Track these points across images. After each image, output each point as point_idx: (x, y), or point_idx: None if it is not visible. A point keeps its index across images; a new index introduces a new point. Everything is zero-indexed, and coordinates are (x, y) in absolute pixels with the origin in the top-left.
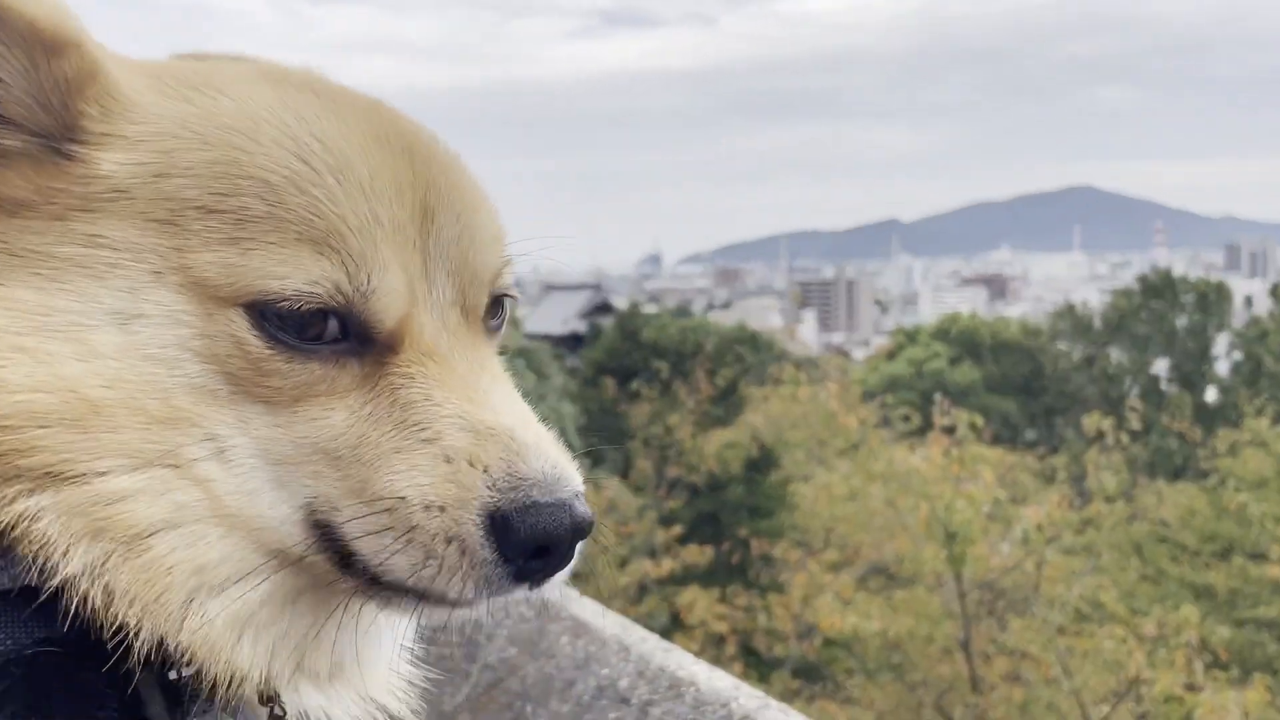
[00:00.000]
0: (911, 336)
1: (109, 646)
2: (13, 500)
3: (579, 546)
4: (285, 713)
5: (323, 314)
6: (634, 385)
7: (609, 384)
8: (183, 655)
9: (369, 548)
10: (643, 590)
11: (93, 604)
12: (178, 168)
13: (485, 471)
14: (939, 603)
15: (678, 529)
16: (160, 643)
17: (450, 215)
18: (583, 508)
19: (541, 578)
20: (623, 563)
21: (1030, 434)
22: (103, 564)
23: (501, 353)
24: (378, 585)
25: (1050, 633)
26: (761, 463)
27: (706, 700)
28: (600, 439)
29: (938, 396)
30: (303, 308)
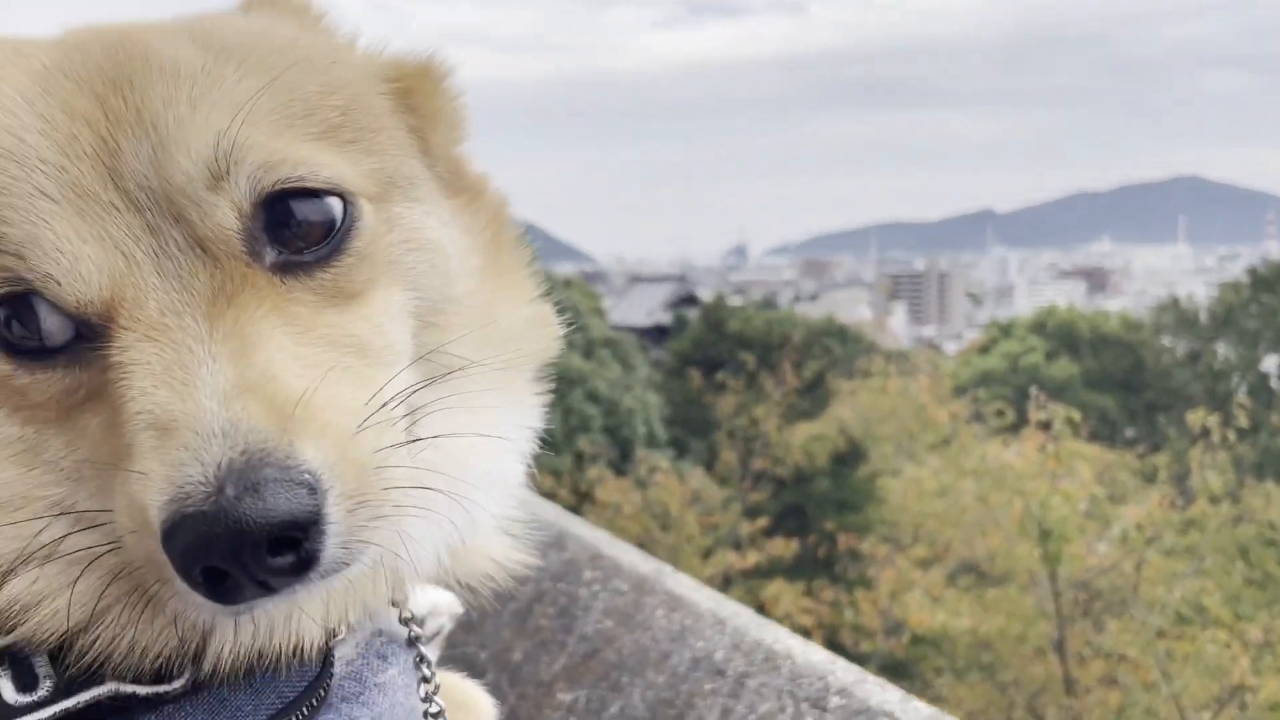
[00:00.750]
0: (1006, 330)
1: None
2: None
3: (311, 546)
4: (406, 599)
5: (33, 315)
6: (719, 377)
7: (694, 375)
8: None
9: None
10: (727, 582)
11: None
12: None
13: (151, 484)
14: (1032, 602)
15: (763, 521)
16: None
17: (138, 134)
18: (257, 504)
19: (234, 597)
20: (707, 554)
21: (1130, 432)
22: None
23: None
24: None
25: (1150, 635)
26: (849, 456)
27: (803, 673)
28: (685, 430)
29: (1034, 390)
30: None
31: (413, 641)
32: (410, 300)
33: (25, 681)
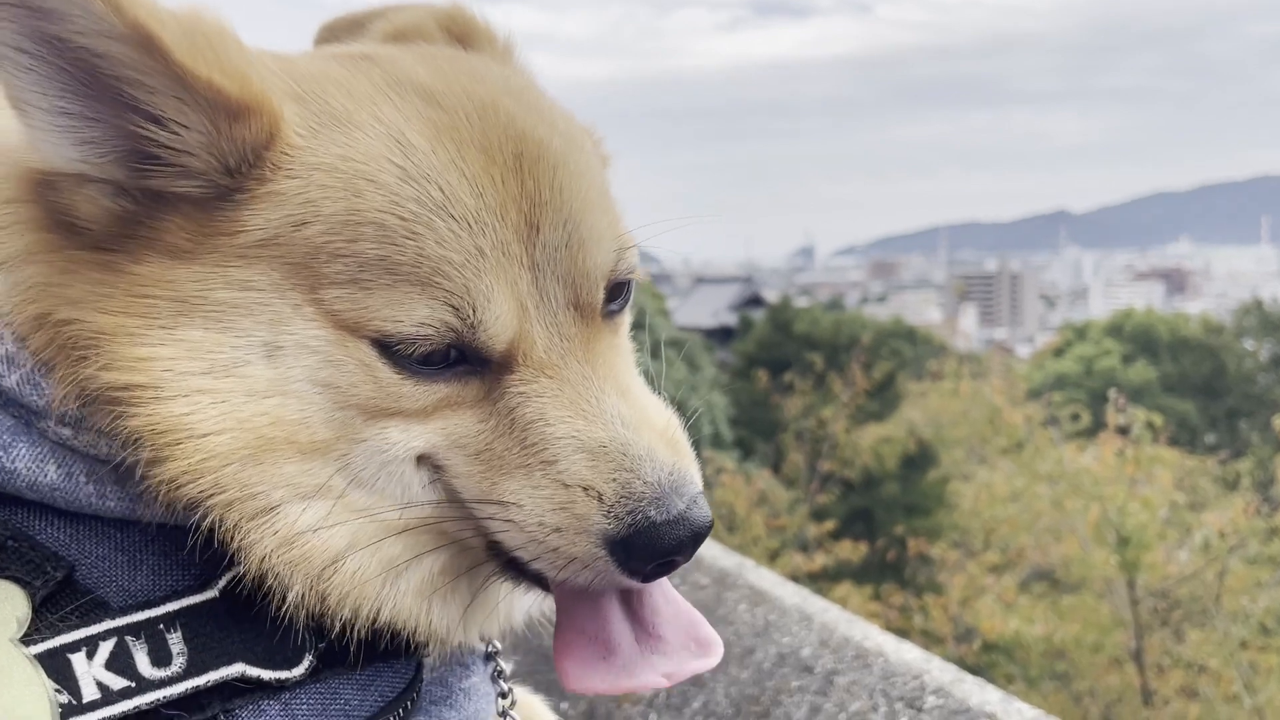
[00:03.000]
0: (1081, 332)
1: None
2: (245, 531)
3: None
4: (499, 649)
5: (439, 347)
6: (786, 378)
7: (761, 376)
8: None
9: (504, 541)
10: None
11: (308, 609)
12: (318, 217)
13: (600, 500)
14: (1108, 610)
15: (830, 524)
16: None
17: (556, 222)
18: (701, 512)
19: (665, 573)
20: (774, 556)
21: (1210, 437)
22: (311, 587)
23: (636, 326)
24: (519, 569)
25: (1232, 646)
26: (919, 459)
27: (896, 671)
28: (751, 431)
29: (1112, 393)
30: (417, 349)
31: (490, 655)
32: None
33: (159, 656)
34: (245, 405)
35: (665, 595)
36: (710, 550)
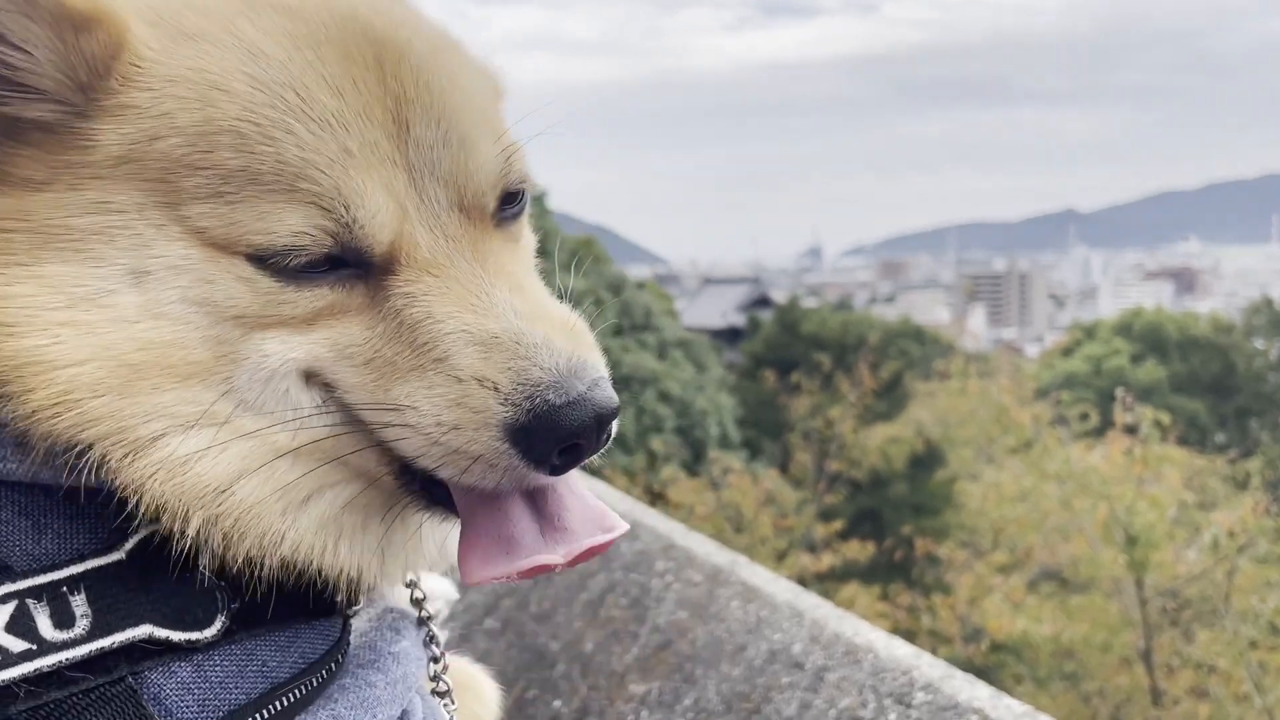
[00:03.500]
0: (1090, 332)
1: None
2: (117, 472)
3: (611, 428)
4: (416, 579)
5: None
6: (794, 378)
7: (768, 376)
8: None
9: (380, 431)
10: (801, 585)
11: (211, 549)
12: (172, 129)
13: (495, 389)
14: (1117, 610)
15: (838, 524)
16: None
17: (428, 120)
18: (604, 394)
19: (572, 464)
20: (781, 556)
21: (1220, 437)
22: (202, 521)
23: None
24: (430, 501)
25: (1242, 646)
26: (926, 459)
27: (886, 667)
28: (758, 432)
29: (1119, 391)
30: (292, 260)
31: (423, 621)
32: None
33: (62, 618)
34: (110, 333)
35: (572, 491)
36: (704, 547)
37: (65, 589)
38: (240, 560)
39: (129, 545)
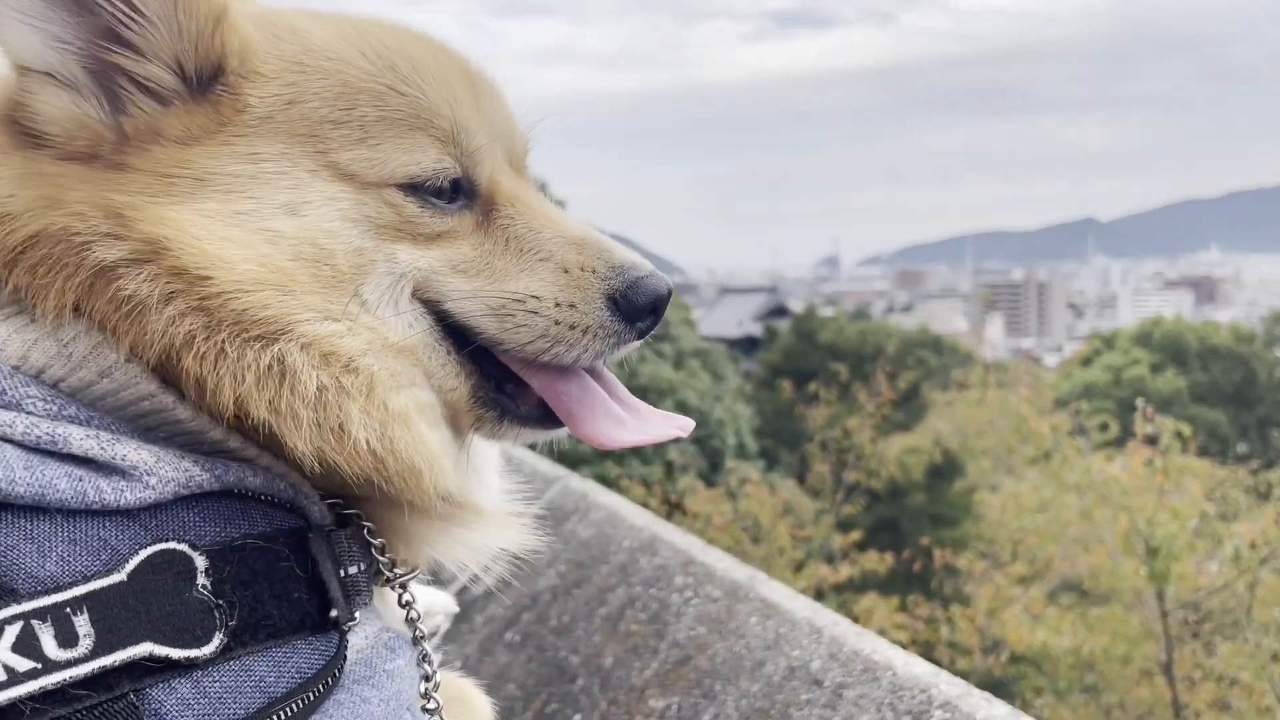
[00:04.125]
0: (1109, 341)
1: (306, 530)
2: (265, 347)
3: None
4: (413, 599)
5: (450, 181)
6: (811, 388)
7: (785, 386)
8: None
9: (494, 326)
10: (819, 595)
11: (329, 431)
12: (306, 94)
13: (594, 273)
14: (1138, 622)
15: (856, 535)
16: (347, 522)
17: (492, 97)
18: (663, 275)
19: (654, 325)
20: (799, 567)
21: (1242, 447)
22: (336, 387)
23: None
24: (502, 412)
25: (1264, 658)
26: (945, 469)
27: (904, 685)
28: (776, 441)
29: (1140, 402)
30: (434, 182)
31: (417, 640)
32: None
33: (66, 638)
34: (267, 248)
35: (628, 393)
36: (723, 563)
37: (69, 610)
38: (348, 436)
39: (130, 567)
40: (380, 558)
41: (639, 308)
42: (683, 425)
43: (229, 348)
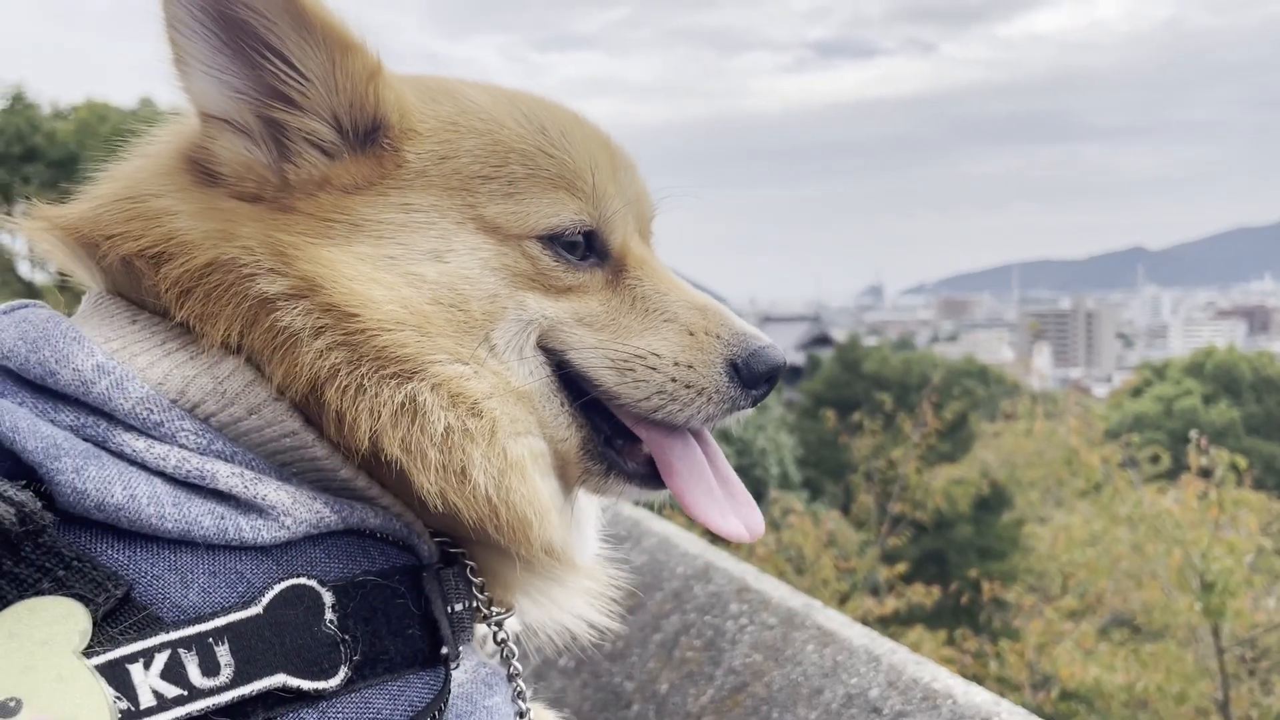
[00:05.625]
0: (1160, 372)
1: (420, 569)
2: (400, 385)
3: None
4: (508, 637)
5: (584, 237)
6: (855, 417)
7: (829, 416)
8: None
9: (613, 379)
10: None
11: (453, 474)
12: (459, 151)
13: (718, 338)
14: (1193, 659)
15: (902, 567)
16: (456, 559)
17: (628, 170)
18: (780, 347)
19: (767, 393)
20: (844, 599)
21: None
22: (462, 430)
23: None
24: (609, 466)
25: None
26: (992, 501)
27: (965, 714)
28: (819, 472)
29: (1194, 434)
30: (576, 232)
31: (512, 676)
32: None
33: (209, 667)
34: (410, 291)
35: (729, 468)
36: (778, 590)
37: (211, 640)
38: (468, 480)
39: (265, 600)
40: (479, 596)
41: (757, 375)
42: (753, 527)
43: (368, 383)
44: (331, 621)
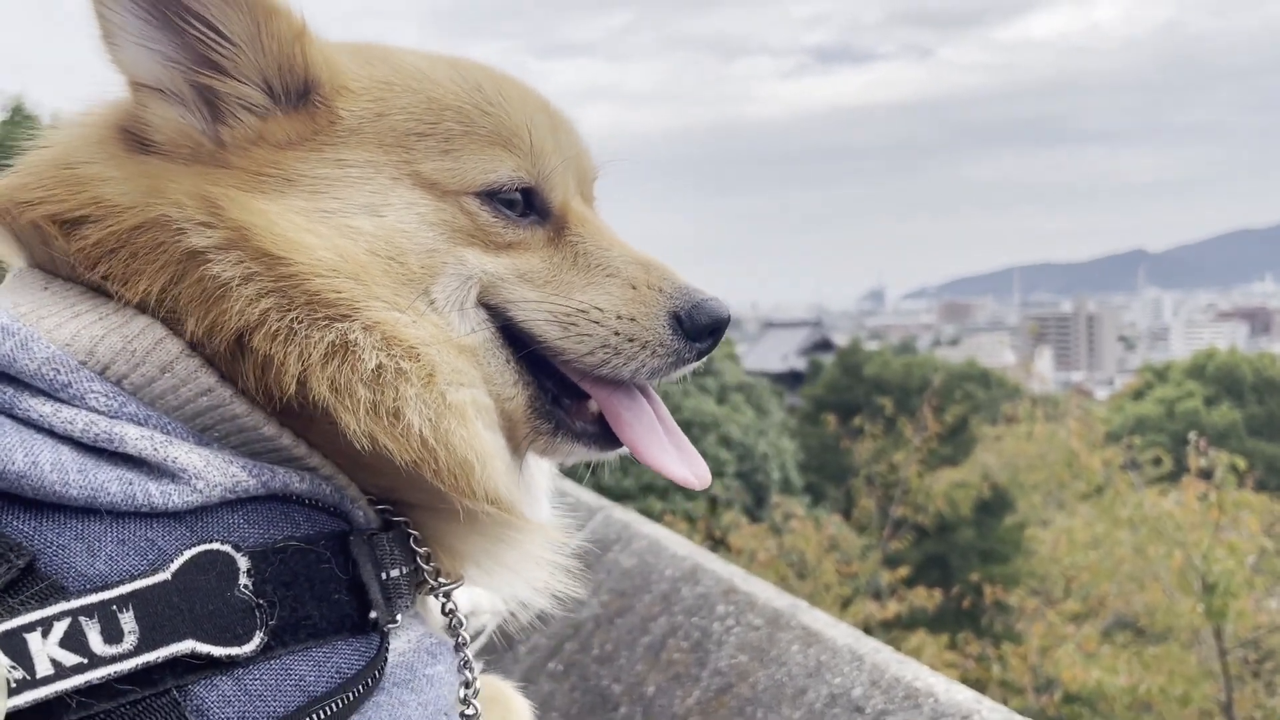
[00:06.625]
0: (1161, 374)
1: (347, 533)
2: (330, 326)
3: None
4: (455, 607)
5: (523, 194)
6: (856, 422)
7: (830, 420)
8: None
9: (556, 334)
10: (867, 632)
11: (385, 413)
12: (393, 108)
13: (660, 291)
14: (1196, 661)
15: (903, 571)
16: (390, 522)
17: (568, 133)
18: (723, 301)
19: (713, 348)
20: (846, 603)
21: None
22: (395, 370)
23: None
24: (557, 426)
25: None
26: (994, 505)
27: (946, 712)
28: (821, 476)
29: (1193, 436)
30: (514, 189)
31: (459, 646)
32: None
33: (111, 634)
34: (345, 241)
35: (674, 422)
36: (764, 591)
37: (115, 607)
38: (401, 420)
39: (174, 566)
40: (424, 565)
41: (700, 327)
42: (701, 475)
43: (298, 326)
44: (246, 587)
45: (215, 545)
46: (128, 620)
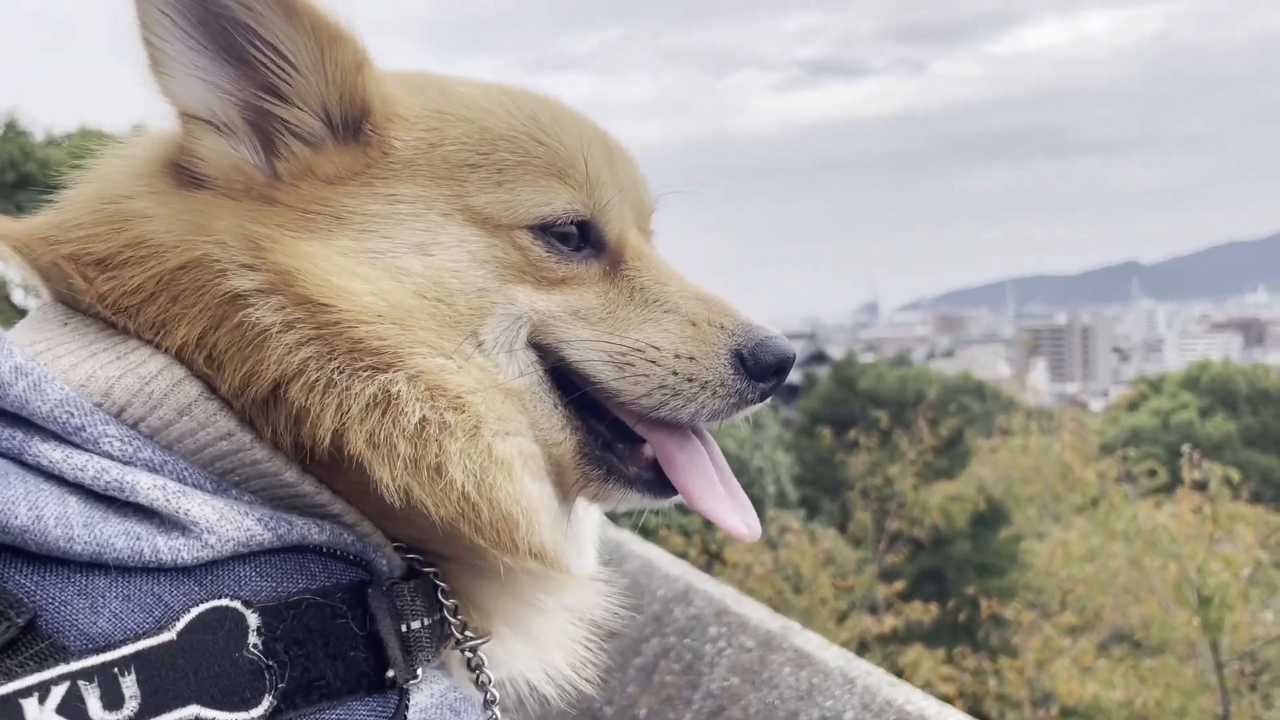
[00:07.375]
0: (1156, 386)
1: (365, 586)
2: (372, 377)
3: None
4: (484, 663)
5: (578, 227)
6: (851, 435)
7: (825, 433)
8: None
9: (611, 374)
10: (863, 647)
11: (424, 469)
12: (446, 139)
13: (721, 328)
14: (1192, 673)
15: (899, 585)
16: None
17: (626, 163)
18: (787, 339)
19: (778, 388)
20: (842, 617)
21: None
22: (439, 423)
23: None
24: (609, 471)
25: None
26: (989, 517)
27: None
28: (816, 490)
29: (1186, 448)
30: (569, 221)
31: (488, 703)
32: None
33: (111, 699)
34: (391, 285)
35: (727, 466)
36: (756, 613)
37: (116, 670)
38: (443, 476)
39: (180, 625)
40: (451, 618)
41: (765, 366)
42: (753, 528)
43: (338, 377)
44: (256, 646)
45: (225, 601)
46: (129, 684)
